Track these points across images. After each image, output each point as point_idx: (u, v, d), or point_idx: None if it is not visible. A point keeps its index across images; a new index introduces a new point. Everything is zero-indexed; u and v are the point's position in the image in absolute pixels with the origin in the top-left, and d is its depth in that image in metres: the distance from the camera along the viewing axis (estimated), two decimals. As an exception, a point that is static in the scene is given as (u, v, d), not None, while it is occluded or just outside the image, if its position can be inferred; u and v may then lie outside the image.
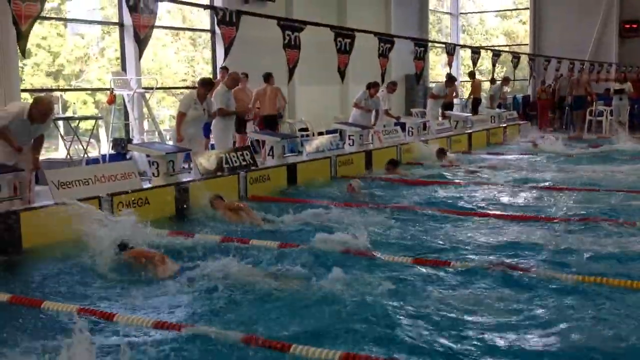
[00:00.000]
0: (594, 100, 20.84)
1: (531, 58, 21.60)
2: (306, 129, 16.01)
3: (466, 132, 15.95)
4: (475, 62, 17.75)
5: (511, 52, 21.26)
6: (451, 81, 17.16)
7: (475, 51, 18.01)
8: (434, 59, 25.52)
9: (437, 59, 26.16)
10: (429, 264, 5.67)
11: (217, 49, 15.47)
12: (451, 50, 16.19)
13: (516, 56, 20.13)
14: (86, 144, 11.43)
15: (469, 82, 20.45)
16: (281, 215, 7.69)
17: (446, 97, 17.10)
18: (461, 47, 22.60)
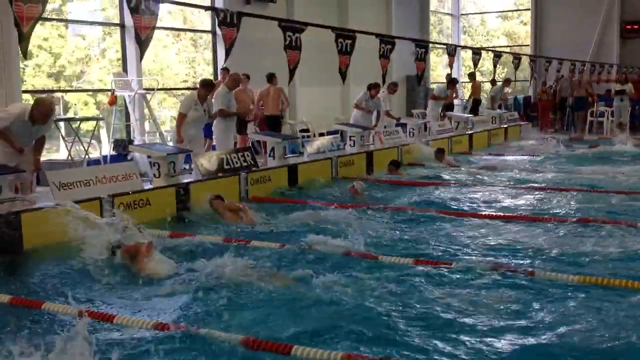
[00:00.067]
0: (595, 101, 20.85)
1: (532, 59, 21.60)
2: (307, 130, 16.01)
3: (467, 133, 15.97)
4: (476, 63, 17.75)
5: (512, 53, 21.26)
6: (452, 83, 17.17)
7: (476, 52, 18.01)
8: (434, 60, 25.53)
9: (438, 60, 26.17)
10: (429, 264, 5.67)
11: (218, 50, 15.49)
12: (452, 51, 16.19)
13: (517, 57, 20.12)
14: (87, 145, 11.45)
15: (469, 83, 20.45)
16: (282, 216, 7.70)
17: (446, 99, 17.10)
18: (462, 48, 22.58)
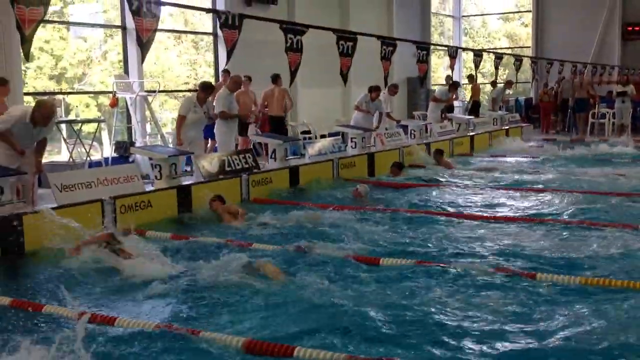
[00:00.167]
0: (597, 103, 20.83)
1: (533, 60, 21.58)
2: (308, 132, 16.01)
3: (468, 134, 15.96)
4: (478, 64, 17.75)
5: (514, 55, 21.24)
6: (454, 86, 17.18)
7: (477, 54, 18.01)
8: (436, 61, 25.53)
9: (439, 61, 26.18)
10: (430, 266, 5.67)
11: (220, 52, 15.48)
12: (453, 53, 16.19)
13: (519, 59, 20.10)
14: (89, 147, 11.44)
15: (469, 84, 20.44)
16: (282, 217, 7.69)
17: (447, 101, 17.11)
18: (463, 49, 22.57)
